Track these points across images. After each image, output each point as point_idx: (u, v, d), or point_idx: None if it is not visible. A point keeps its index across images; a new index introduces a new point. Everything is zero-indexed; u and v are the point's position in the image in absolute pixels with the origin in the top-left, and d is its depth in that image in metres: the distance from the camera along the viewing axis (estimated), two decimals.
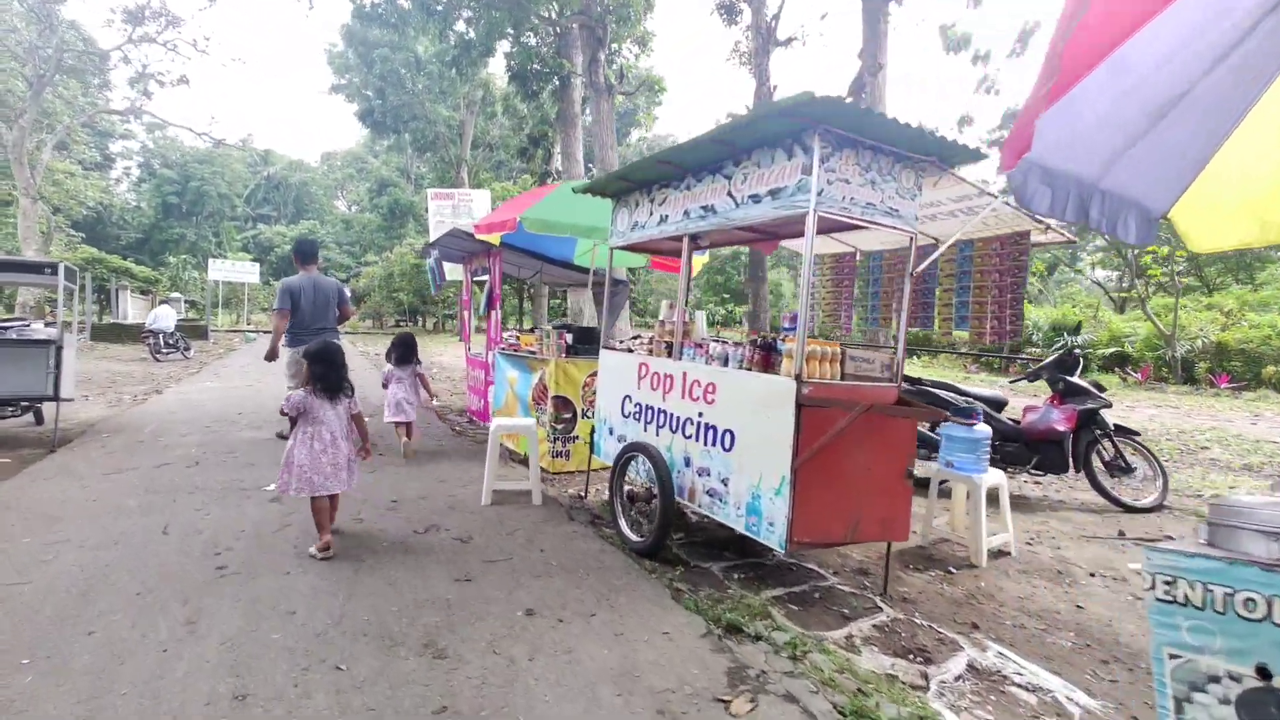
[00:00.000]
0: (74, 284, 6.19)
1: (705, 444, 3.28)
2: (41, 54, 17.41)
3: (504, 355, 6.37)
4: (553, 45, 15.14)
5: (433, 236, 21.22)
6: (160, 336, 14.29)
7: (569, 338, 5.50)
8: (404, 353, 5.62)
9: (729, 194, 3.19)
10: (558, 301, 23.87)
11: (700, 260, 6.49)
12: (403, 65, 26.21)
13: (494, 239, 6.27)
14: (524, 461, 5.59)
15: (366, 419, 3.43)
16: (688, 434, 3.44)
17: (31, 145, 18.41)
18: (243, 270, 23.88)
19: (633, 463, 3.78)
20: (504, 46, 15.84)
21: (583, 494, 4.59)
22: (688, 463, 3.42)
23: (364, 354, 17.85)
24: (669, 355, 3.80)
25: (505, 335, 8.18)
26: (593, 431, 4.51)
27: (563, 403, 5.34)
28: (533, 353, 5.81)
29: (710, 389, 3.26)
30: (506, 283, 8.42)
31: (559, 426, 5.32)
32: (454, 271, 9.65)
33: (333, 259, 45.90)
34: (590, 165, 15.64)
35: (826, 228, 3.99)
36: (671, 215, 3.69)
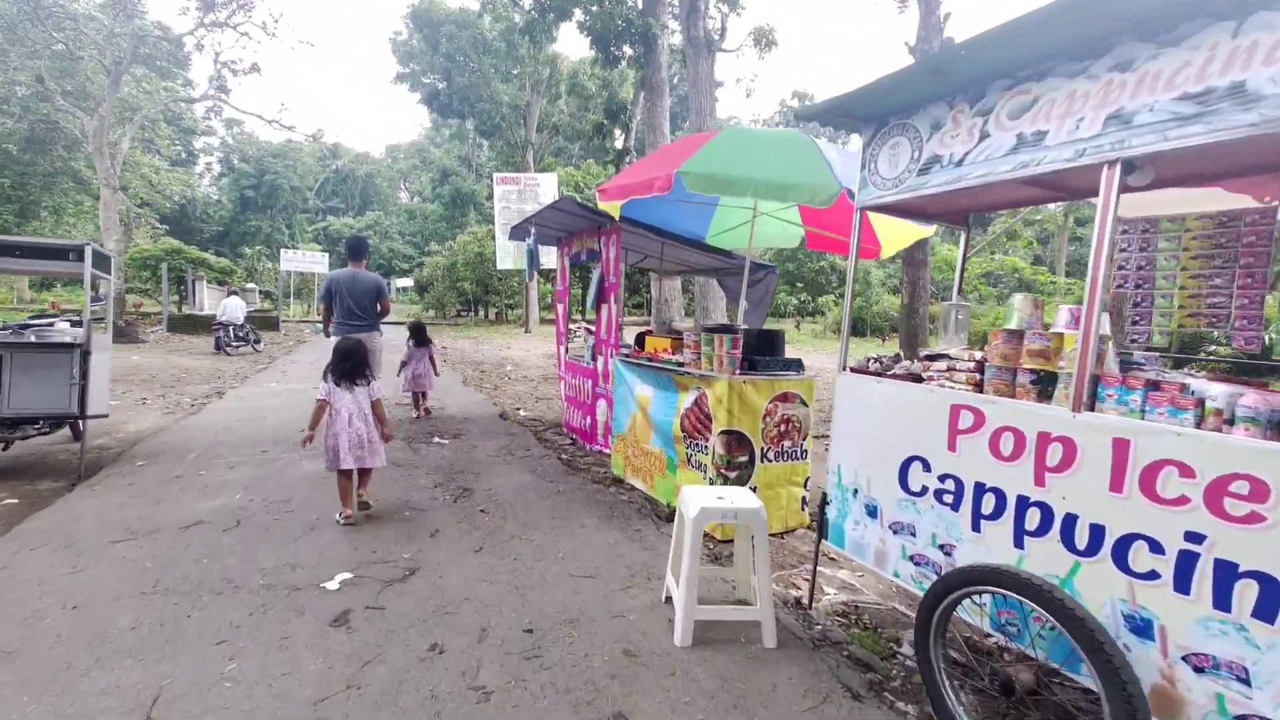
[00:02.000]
0: (107, 272, 4.98)
1: (1217, 607, 1.51)
2: (119, 41, 17.16)
3: (629, 365, 4.75)
4: (633, 9, 13.36)
5: (498, 221, 19.91)
6: (230, 329, 13.53)
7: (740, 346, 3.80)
8: (419, 337, 6.97)
9: None
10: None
11: (914, 232, 4.59)
12: (469, 44, 25.15)
13: (614, 210, 4.63)
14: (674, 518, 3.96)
15: None
16: (1138, 569, 1.68)
17: (113, 137, 18.31)
18: (312, 260, 23.44)
19: (965, 601, 2.04)
20: (578, 16, 14.21)
21: (803, 598, 2.90)
22: (1142, 630, 1.66)
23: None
24: (1038, 397, 2.03)
25: (574, 331, 6.64)
26: (823, 504, 2.80)
27: (736, 440, 3.67)
28: (680, 364, 4.15)
29: (1248, 489, 1.48)
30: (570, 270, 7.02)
31: (731, 474, 3.66)
32: (546, 255, 8.15)
33: (397, 249, 46.16)
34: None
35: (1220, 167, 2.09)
36: (1064, 130, 1.90)
